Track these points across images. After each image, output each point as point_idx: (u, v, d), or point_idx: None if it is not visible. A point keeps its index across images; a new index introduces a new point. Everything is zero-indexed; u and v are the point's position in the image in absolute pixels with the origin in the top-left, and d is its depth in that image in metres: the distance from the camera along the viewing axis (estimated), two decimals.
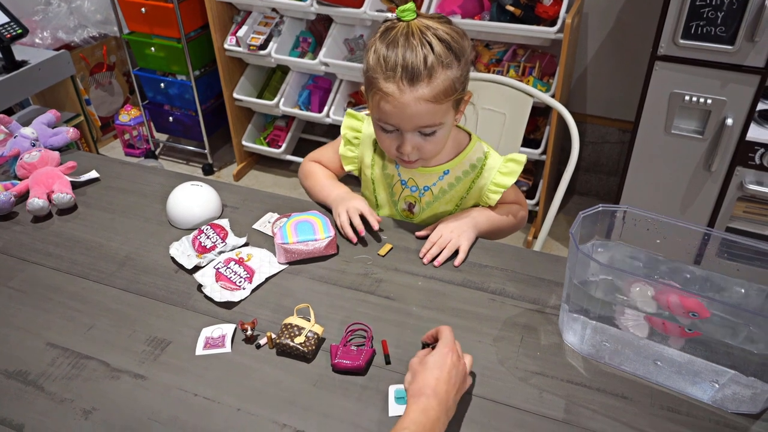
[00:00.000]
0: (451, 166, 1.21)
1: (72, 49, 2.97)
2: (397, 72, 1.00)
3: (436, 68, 1.00)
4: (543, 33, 2.18)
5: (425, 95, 1.01)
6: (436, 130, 1.07)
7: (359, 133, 1.26)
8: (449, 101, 1.05)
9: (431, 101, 1.02)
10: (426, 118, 1.04)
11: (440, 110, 1.04)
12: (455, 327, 0.99)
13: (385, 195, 1.29)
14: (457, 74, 1.03)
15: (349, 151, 1.29)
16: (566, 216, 2.69)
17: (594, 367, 0.92)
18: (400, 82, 1.01)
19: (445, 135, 1.10)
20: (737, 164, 1.89)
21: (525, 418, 0.85)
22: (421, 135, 1.07)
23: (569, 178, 1.45)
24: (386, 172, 1.26)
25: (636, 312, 0.88)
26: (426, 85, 1.01)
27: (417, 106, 1.02)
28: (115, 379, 0.92)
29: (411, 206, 1.27)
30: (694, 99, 1.84)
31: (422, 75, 1.00)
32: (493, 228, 1.23)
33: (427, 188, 1.23)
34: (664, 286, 0.88)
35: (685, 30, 1.76)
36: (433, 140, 1.09)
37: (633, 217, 0.96)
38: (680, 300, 0.83)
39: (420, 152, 1.10)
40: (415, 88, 1.01)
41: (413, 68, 0.99)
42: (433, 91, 1.01)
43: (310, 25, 2.77)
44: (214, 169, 3.11)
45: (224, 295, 1.05)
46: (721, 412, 0.85)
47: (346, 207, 1.20)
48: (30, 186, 1.31)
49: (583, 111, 2.62)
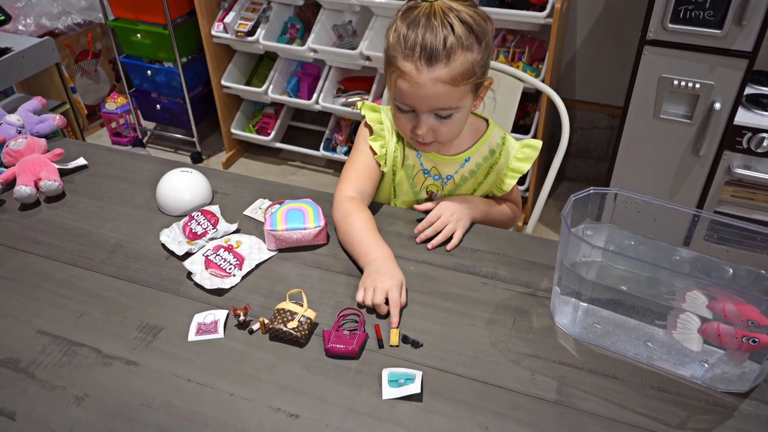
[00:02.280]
0: (471, 153, 1.21)
1: (56, 36, 2.93)
2: (415, 51, 1.00)
3: (455, 50, 1.00)
4: (532, 18, 2.17)
5: (442, 76, 1.01)
6: (453, 113, 1.06)
7: (381, 125, 1.21)
8: (467, 84, 1.04)
9: (448, 83, 1.01)
10: (442, 100, 1.03)
11: (457, 93, 1.03)
12: (447, 311, 1.00)
13: (405, 185, 1.26)
14: (477, 57, 1.03)
15: (382, 147, 1.20)
16: (556, 201, 2.70)
17: (585, 349, 0.93)
18: (417, 62, 1.00)
19: (461, 119, 1.10)
20: (725, 148, 1.91)
21: (517, 399, 0.86)
22: (437, 117, 1.07)
23: (559, 163, 1.45)
24: (407, 162, 1.23)
25: (689, 323, 0.84)
26: (444, 66, 1.00)
27: (433, 87, 1.01)
28: (107, 365, 0.92)
29: (432, 195, 1.26)
30: (683, 83, 1.85)
31: (441, 56, 0.99)
32: (486, 219, 1.23)
33: (449, 177, 1.23)
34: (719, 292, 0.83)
35: (673, 14, 1.76)
36: (449, 123, 1.08)
37: (624, 200, 0.97)
38: (737, 308, 0.80)
39: (435, 135, 1.09)
40: (433, 69, 1.00)
41: (432, 48, 0.99)
42: (451, 72, 1.01)
43: (298, 11, 2.75)
44: (202, 157, 3.09)
45: (214, 282, 1.05)
46: (710, 391, 0.86)
47: (377, 285, 0.99)
48: (17, 173, 1.29)
49: (572, 97, 2.62)
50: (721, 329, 0.81)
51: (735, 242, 0.91)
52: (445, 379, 0.88)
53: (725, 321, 0.81)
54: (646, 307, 0.89)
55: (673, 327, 0.85)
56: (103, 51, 3.27)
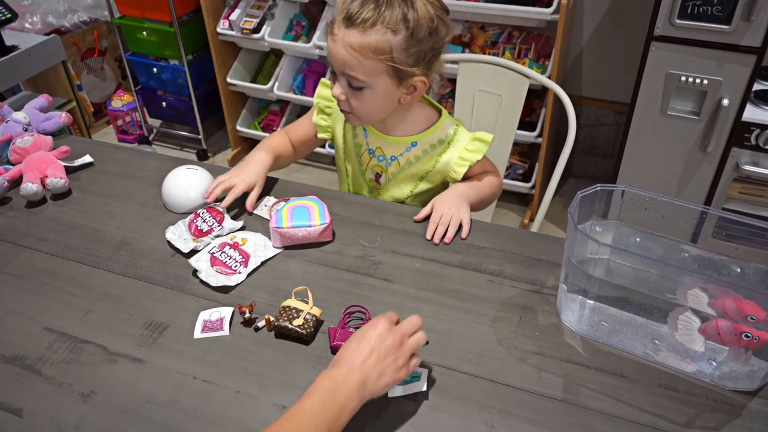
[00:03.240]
0: (419, 138, 1.23)
1: (62, 34, 2.94)
2: (343, 12, 1.05)
3: (375, 23, 1.03)
4: (539, 14, 2.16)
5: (351, 41, 1.05)
6: (363, 87, 1.09)
7: (332, 102, 1.29)
8: (378, 62, 1.06)
9: (356, 50, 1.05)
10: (349, 65, 1.07)
11: (366, 66, 1.06)
12: (453, 308, 0.99)
13: (354, 165, 1.32)
14: (398, 42, 1.05)
15: (322, 120, 1.33)
16: (562, 199, 2.69)
17: (592, 347, 0.93)
18: (340, 22, 1.05)
19: (374, 99, 1.12)
20: (733, 145, 1.89)
21: (524, 397, 0.85)
22: (350, 87, 1.10)
23: (566, 160, 1.45)
24: (356, 141, 1.29)
25: (690, 323, 0.84)
26: (358, 32, 1.04)
27: (344, 49, 1.05)
28: (113, 362, 0.92)
29: (378, 176, 1.29)
30: (690, 80, 1.84)
31: (358, 23, 1.03)
32: (479, 198, 1.25)
33: (394, 158, 1.26)
34: (719, 289, 0.83)
35: (681, 9, 1.75)
36: (360, 97, 1.11)
37: (631, 197, 0.96)
38: (736, 304, 0.79)
39: (350, 106, 1.13)
40: (348, 31, 1.05)
41: (354, 14, 1.03)
42: (361, 41, 1.04)
43: (303, 8, 2.74)
44: (208, 155, 3.10)
45: (220, 279, 1.04)
46: (718, 390, 0.86)
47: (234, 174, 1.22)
48: (23, 171, 1.30)
49: (578, 93, 2.61)
50: (720, 327, 0.80)
51: (743, 239, 0.90)
52: (451, 377, 0.88)
53: (726, 317, 0.80)
54: (653, 304, 0.88)
55: (674, 328, 0.85)
56: (109, 49, 3.27)
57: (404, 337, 0.82)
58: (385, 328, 0.80)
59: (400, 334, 0.81)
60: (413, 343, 0.82)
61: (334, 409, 0.73)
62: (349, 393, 0.75)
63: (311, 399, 0.74)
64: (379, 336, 0.79)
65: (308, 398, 0.74)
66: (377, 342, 0.79)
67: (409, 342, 0.82)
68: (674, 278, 0.86)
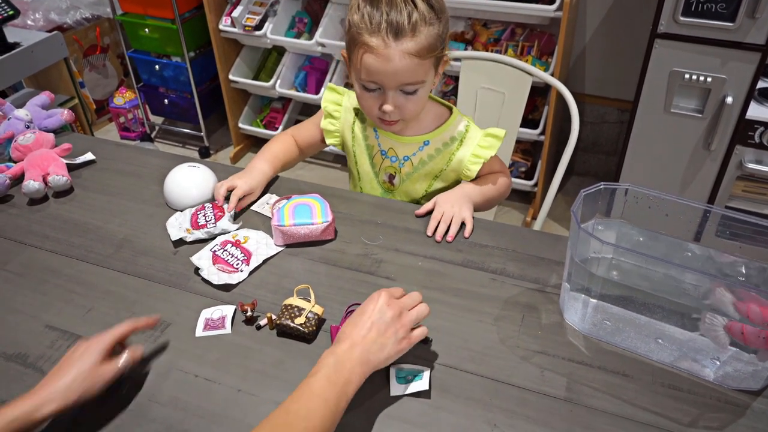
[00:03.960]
0: (431, 137, 1.22)
1: (65, 31, 2.94)
2: (381, 27, 1.02)
3: (420, 24, 1.03)
4: (542, 11, 2.15)
5: (410, 49, 1.03)
6: (418, 88, 1.09)
7: (339, 106, 1.28)
8: (432, 57, 1.07)
9: (416, 55, 1.04)
10: (410, 73, 1.06)
11: (423, 66, 1.06)
12: (455, 307, 0.99)
13: (366, 167, 1.31)
14: (439, 30, 1.06)
15: (330, 124, 1.31)
16: (564, 196, 2.68)
17: (595, 346, 0.92)
18: (385, 37, 1.03)
19: (425, 94, 1.12)
20: (737, 143, 1.89)
21: (526, 396, 0.85)
22: (403, 93, 1.09)
23: (569, 158, 1.44)
24: (367, 143, 1.28)
25: (715, 321, 0.83)
26: (410, 39, 1.03)
27: (402, 61, 1.04)
28: None
29: (391, 177, 1.28)
30: (694, 77, 1.83)
31: (407, 30, 1.02)
32: (484, 199, 1.24)
33: (407, 158, 1.25)
34: (745, 292, 0.81)
35: (685, 6, 1.74)
36: (414, 99, 1.10)
37: (634, 195, 0.96)
38: (760, 309, 0.78)
39: (401, 112, 1.12)
40: (400, 42, 1.03)
41: (398, 23, 1.02)
42: (418, 45, 1.03)
43: (305, 5, 2.73)
44: (210, 152, 3.09)
45: (222, 277, 1.04)
46: (722, 389, 0.85)
47: (236, 177, 1.22)
48: (25, 168, 1.29)
49: (581, 90, 2.60)
50: (745, 328, 0.79)
51: (747, 238, 0.90)
52: (453, 376, 0.88)
53: (748, 322, 0.79)
54: (657, 303, 0.88)
55: (697, 327, 0.84)
56: (111, 46, 3.27)
57: (404, 309, 0.84)
58: (384, 302, 0.83)
59: (399, 306, 0.84)
60: (414, 315, 0.85)
61: (340, 383, 0.75)
62: (353, 367, 0.77)
63: (317, 376, 0.76)
64: (379, 309, 0.82)
65: (314, 375, 0.76)
66: (377, 315, 0.82)
67: (409, 314, 0.85)
68: (680, 277, 0.86)
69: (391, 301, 0.84)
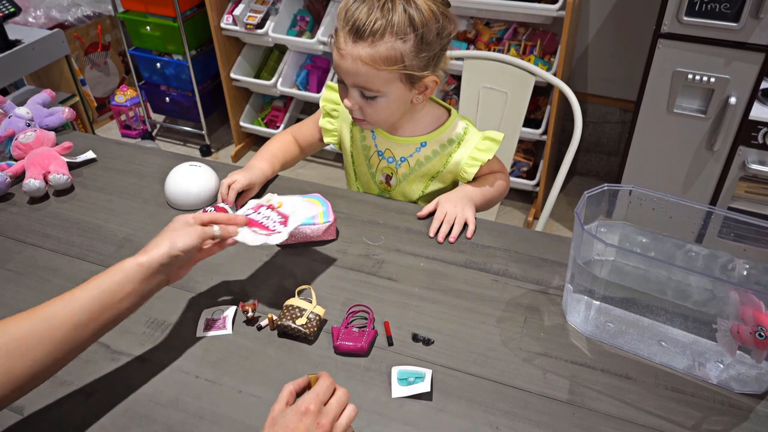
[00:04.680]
0: (428, 138, 1.22)
1: (66, 29, 2.93)
2: (348, 24, 1.02)
3: (384, 34, 1.00)
4: (544, 10, 2.15)
5: (362, 56, 1.02)
6: (377, 96, 1.07)
7: (338, 105, 1.27)
8: (391, 71, 1.04)
9: (368, 64, 1.02)
10: (362, 78, 1.05)
11: (379, 77, 1.04)
12: (457, 308, 0.99)
13: (363, 168, 1.30)
14: (407, 48, 1.02)
15: (329, 123, 1.30)
16: (566, 196, 2.67)
17: (598, 348, 0.92)
18: (346, 35, 1.03)
19: (388, 105, 1.10)
20: (740, 144, 1.88)
21: (529, 399, 0.84)
22: (362, 96, 1.08)
23: (572, 158, 1.44)
24: (364, 143, 1.27)
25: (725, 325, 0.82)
26: (367, 45, 1.01)
27: (354, 64, 1.03)
28: (115, 361, 0.91)
29: (388, 178, 1.28)
30: (698, 77, 1.82)
31: (366, 35, 1.01)
32: (485, 200, 1.23)
33: (403, 159, 1.24)
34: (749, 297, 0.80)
35: (688, 6, 1.73)
36: (374, 105, 1.09)
37: (638, 197, 0.95)
38: (754, 314, 0.78)
39: (363, 114, 1.11)
40: (356, 46, 1.02)
41: (360, 26, 1.00)
42: (372, 54, 1.02)
43: (307, 3, 2.73)
44: (211, 150, 3.09)
45: (258, 239, 0.94)
46: (726, 392, 0.85)
47: (234, 173, 1.20)
48: (26, 167, 1.29)
49: (584, 90, 2.59)
50: (741, 327, 0.79)
51: (751, 239, 0.89)
52: (455, 378, 0.87)
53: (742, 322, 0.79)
54: (660, 306, 0.87)
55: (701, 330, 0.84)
56: (112, 43, 3.26)
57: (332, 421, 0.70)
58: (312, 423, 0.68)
59: (329, 420, 0.70)
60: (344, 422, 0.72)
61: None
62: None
63: None
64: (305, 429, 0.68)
65: None
66: None
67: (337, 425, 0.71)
68: (683, 280, 0.85)
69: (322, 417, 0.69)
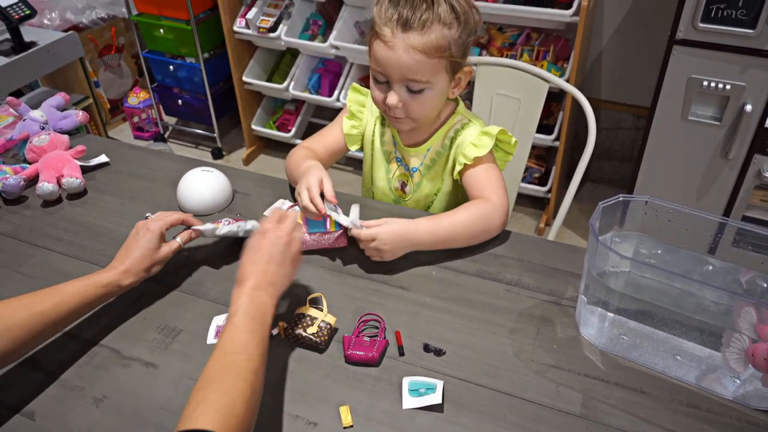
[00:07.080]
0: (431, 143, 1.22)
1: (80, 31, 2.95)
2: (393, 18, 1.02)
3: (432, 22, 1.01)
4: (558, 16, 2.14)
5: (415, 44, 1.02)
6: (424, 88, 1.07)
7: (364, 107, 1.28)
8: (440, 59, 1.04)
9: (421, 51, 1.02)
10: (413, 69, 1.04)
11: (429, 66, 1.04)
12: (469, 318, 0.98)
13: (381, 172, 1.30)
14: (454, 35, 1.03)
15: (354, 128, 1.28)
16: (578, 203, 2.65)
17: (612, 361, 0.91)
18: (394, 27, 1.02)
19: (434, 98, 1.09)
20: (755, 152, 1.85)
21: (541, 412, 0.84)
22: (409, 91, 1.07)
23: (585, 165, 1.42)
24: (385, 149, 1.27)
25: (739, 342, 0.81)
26: (418, 34, 1.02)
27: (406, 53, 1.02)
28: (126, 367, 0.91)
29: (403, 185, 1.28)
30: (713, 84, 1.80)
31: (416, 23, 1.01)
32: (439, 241, 1.08)
33: (415, 169, 1.25)
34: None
35: (704, 13, 1.71)
36: (420, 99, 1.08)
37: (654, 208, 0.94)
38: None
39: (406, 110, 1.10)
40: (407, 35, 1.02)
41: (409, 16, 1.01)
42: (424, 42, 1.02)
43: (320, 7, 2.73)
44: (223, 153, 3.10)
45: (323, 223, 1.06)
46: (742, 408, 0.83)
47: (307, 182, 1.07)
48: (39, 170, 1.30)
49: (597, 96, 2.57)
50: (756, 349, 0.77)
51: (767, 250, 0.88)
52: (466, 390, 0.87)
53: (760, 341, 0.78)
54: (675, 319, 0.86)
55: (727, 345, 0.82)
56: (126, 46, 3.28)
57: (289, 233, 0.92)
58: (275, 235, 0.91)
59: (285, 232, 0.92)
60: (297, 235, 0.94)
61: (258, 316, 0.82)
62: (264, 300, 0.85)
63: (237, 316, 0.82)
64: (271, 243, 0.90)
65: (234, 316, 0.82)
66: (271, 249, 0.89)
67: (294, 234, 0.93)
68: (699, 293, 0.84)
69: (279, 229, 0.91)
